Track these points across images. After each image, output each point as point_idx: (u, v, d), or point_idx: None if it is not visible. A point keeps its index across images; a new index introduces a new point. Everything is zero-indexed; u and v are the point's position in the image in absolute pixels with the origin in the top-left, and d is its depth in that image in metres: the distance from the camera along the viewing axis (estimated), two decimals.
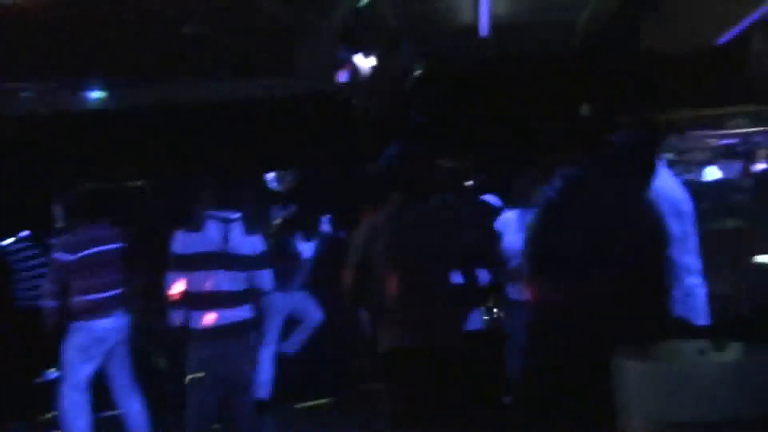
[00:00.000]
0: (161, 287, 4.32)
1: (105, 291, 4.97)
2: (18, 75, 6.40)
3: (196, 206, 4.47)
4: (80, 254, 4.93)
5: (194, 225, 4.34)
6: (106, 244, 5.04)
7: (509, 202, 5.22)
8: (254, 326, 4.43)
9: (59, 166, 6.86)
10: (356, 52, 6.06)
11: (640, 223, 3.14)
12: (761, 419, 2.60)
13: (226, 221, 4.34)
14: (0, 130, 6.88)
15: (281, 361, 6.14)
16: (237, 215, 4.38)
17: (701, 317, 3.61)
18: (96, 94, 7.11)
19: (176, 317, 4.35)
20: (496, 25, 6.32)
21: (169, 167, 7.55)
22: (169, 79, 7.06)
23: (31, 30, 5.54)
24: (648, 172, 3.34)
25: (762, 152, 11.82)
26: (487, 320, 4.60)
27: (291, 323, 6.34)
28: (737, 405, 2.58)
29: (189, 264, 4.27)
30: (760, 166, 11.29)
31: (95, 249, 4.99)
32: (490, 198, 5.49)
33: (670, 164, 4.44)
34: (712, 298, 3.71)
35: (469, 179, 5.68)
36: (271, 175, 6.76)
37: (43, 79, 6.61)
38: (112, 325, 4.98)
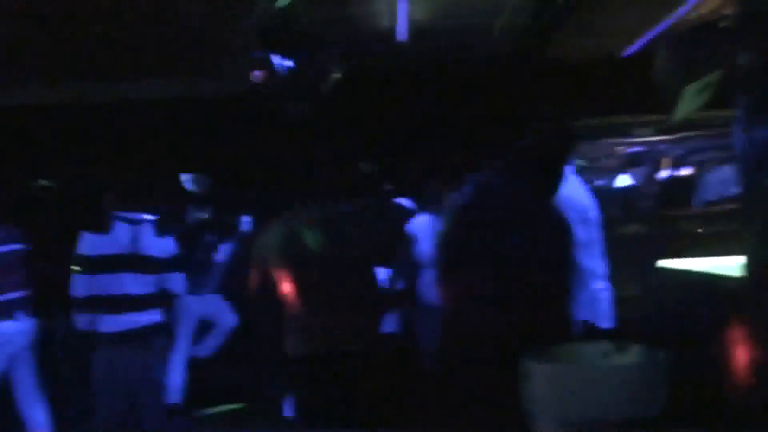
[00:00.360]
0: (67, 290, 4.20)
1: (4, 293, 4.78)
2: None
3: (104, 207, 4.36)
4: None
5: (101, 226, 4.23)
6: (4, 244, 4.85)
7: (423, 207, 5.27)
8: (163, 331, 4.34)
9: None
10: (274, 54, 6.01)
11: (546, 229, 3.21)
12: (661, 417, 2.71)
13: (136, 222, 4.24)
14: None
15: (194, 366, 6.04)
16: (147, 217, 4.29)
17: (606, 320, 3.73)
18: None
19: (82, 321, 4.23)
20: (413, 30, 6.39)
21: (79, 167, 7.35)
22: (83, 78, 6.89)
23: None
24: (556, 178, 3.43)
25: (666, 160, 12.30)
26: (399, 324, 4.63)
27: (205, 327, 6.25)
28: (638, 405, 2.68)
29: (95, 266, 4.16)
30: (663, 174, 11.76)
31: None
32: (404, 202, 5.54)
33: (580, 171, 4.56)
34: (618, 301, 3.84)
35: (384, 183, 5.71)
36: (186, 177, 6.64)
37: None
38: (13, 329, 4.80)
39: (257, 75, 6.31)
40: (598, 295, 3.69)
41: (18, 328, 4.82)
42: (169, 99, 7.28)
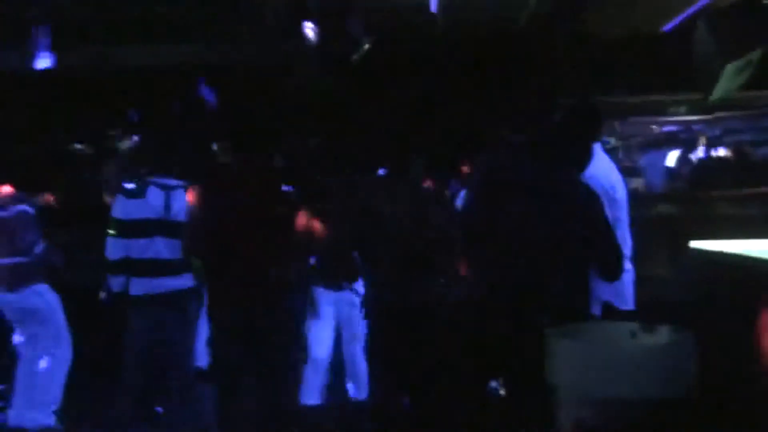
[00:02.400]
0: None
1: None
2: None
3: (139, 172, 4.40)
4: None
5: (136, 191, 4.27)
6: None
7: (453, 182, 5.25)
8: (194, 295, 4.38)
9: None
10: (303, 23, 5.98)
11: (571, 204, 3.19)
12: (685, 399, 2.70)
13: (168, 188, 4.28)
14: None
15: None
16: (179, 182, 4.32)
17: (627, 302, 3.70)
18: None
19: (115, 283, 4.29)
20: (445, 2, 6.32)
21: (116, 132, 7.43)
22: (114, 43, 6.93)
23: None
24: (583, 155, 3.40)
25: (702, 140, 12.12)
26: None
27: None
28: (664, 385, 2.67)
29: (129, 230, 4.21)
30: (699, 154, 11.59)
31: None
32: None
33: (612, 150, 4.52)
34: (647, 281, 3.81)
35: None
36: (218, 145, 6.66)
37: None
38: None
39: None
40: (624, 276, 3.65)
41: None
42: (197, 66, 7.29)
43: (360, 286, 4.57)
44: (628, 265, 3.72)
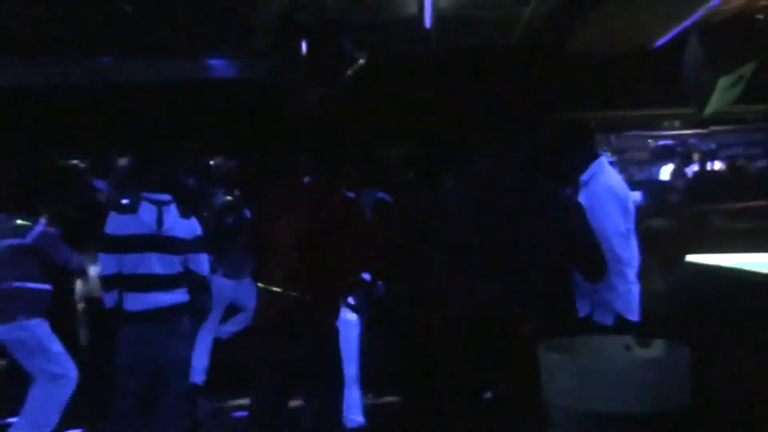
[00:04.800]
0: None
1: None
2: None
3: (130, 188, 4.38)
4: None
5: (128, 207, 4.26)
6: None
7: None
8: (187, 311, 4.36)
9: None
10: (295, 38, 5.99)
11: (554, 215, 3.20)
12: (680, 412, 2.68)
13: (161, 204, 4.27)
14: None
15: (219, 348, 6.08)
16: (171, 198, 4.31)
17: (633, 313, 3.69)
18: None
19: (108, 299, 4.27)
20: (438, 18, 6.34)
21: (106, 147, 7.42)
22: (115, 57, 6.94)
23: None
24: (569, 168, 3.43)
25: (696, 154, 12.17)
26: None
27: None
28: (659, 399, 2.65)
29: (122, 245, 4.19)
30: (693, 167, 11.63)
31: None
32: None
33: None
34: (642, 294, 3.80)
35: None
36: (214, 160, 6.69)
37: None
38: None
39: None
40: (627, 287, 3.65)
41: None
42: (188, 81, 7.29)
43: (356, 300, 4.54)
44: (632, 277, 3.72)
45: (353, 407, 4.91)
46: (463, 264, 3.23)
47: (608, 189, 3.59)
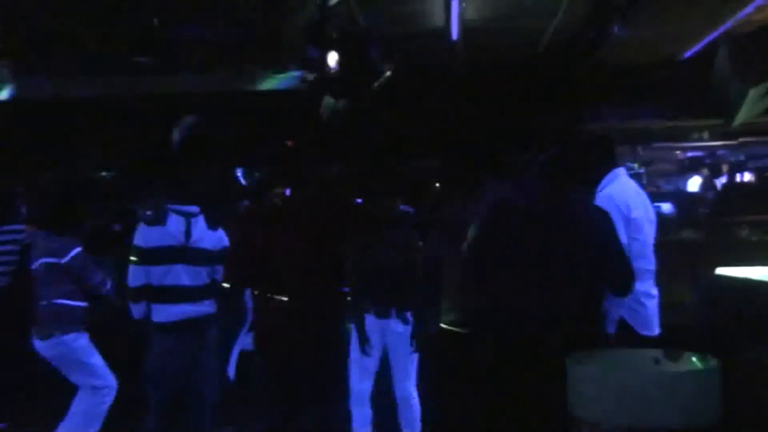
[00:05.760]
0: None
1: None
2: None
3: (158, 200, 4.42)
4: None
5: (157, 219, 4.29)
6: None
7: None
8: (216, 322, 4.38)
9: None
10: (324, 52, 6.03)
11: (582, 225, 3.18)
12: (710, 428, 2.65)
13: (189, 215, 4.30)
14: None
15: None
16: (198, 210, 4.34)
17: (651, 327, 3.66)
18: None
19: (136, 310, 4.31)
20: (465, 29, 6.35)
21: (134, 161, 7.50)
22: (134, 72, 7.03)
23: None
24: (594, 178, 3.41)
25: (725, 165, 12.03)
26: None
27: None
28: (688, 414, 2.62)
29: (150, 257, 4.23)
30: (723, 179, 11.49)
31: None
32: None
33: (636, 175, 4.50)
34: (672, 306, 3.76)
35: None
36: (240, 171, 6.73)
37: None
38: None
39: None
40: (647, 301, 3.62)
41: None
42: (214, 93, 7.36)
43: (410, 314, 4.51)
44: (654, 290, 3.69)
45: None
46: (491, 277, 3.21)
47: (608, 198, 3.53)
